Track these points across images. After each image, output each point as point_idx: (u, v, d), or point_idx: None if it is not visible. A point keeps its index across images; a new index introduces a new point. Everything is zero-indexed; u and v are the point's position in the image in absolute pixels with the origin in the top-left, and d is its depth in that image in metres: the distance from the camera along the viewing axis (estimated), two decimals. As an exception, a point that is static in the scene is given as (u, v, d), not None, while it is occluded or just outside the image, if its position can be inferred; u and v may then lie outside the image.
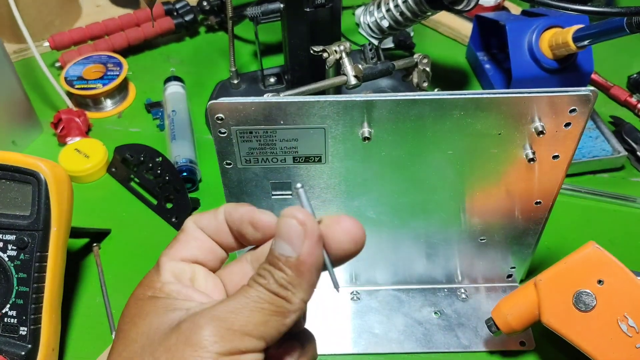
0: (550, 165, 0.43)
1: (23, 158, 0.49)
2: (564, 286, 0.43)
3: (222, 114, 0.39)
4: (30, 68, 0.81)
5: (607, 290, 0.42)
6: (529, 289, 0.45)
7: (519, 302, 0.46)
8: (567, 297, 0.43)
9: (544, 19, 0.68)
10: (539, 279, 0.44)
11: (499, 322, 0.47)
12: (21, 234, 0.48)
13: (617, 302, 0.41)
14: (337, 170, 0.43)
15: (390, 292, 0.55)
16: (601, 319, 0.42)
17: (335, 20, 0.65)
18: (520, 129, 0.41)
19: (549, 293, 0.44)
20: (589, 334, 0.42)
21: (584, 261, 0.43)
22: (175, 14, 0.87)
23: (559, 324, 0.43)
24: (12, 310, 0.47)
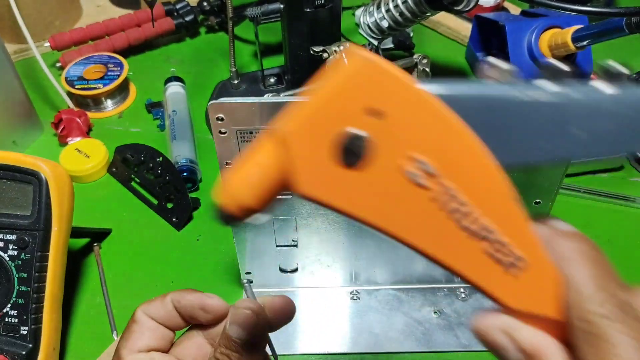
0: (550, 165, 0.44)
1: (24, 158, 0.49)
2: (323, 132, 0.24)
3: (223, 114, 0.39)
4: (31, 68, 0.81)
5: (388, 125, 0.24)
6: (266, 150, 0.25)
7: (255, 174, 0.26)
8: (328, 149, 0.24)
9: (544, 19, 0.68)
10: (288, 130, 0.24)
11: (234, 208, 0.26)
12: (22, 233, 0.48)
13: (404, 142, 0.24)
14: None
15: (389, 291, 0.55)
16: (383, 172, 0.24)
17: (335, 21, 0.65)
18: None
19: (304, 149, 0.25)
20: (367, 198, 0.25)
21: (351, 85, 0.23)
22: (176, 15, 0.87)
23: (322, 193, 0.25)
24: (13, 310, 0.47)
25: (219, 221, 0.26)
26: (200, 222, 0.63)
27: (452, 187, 0.23)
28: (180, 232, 0.62)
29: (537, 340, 0.23)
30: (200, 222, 0.63)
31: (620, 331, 0.21)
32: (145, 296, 0.56)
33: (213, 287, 0.57)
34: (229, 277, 0.57)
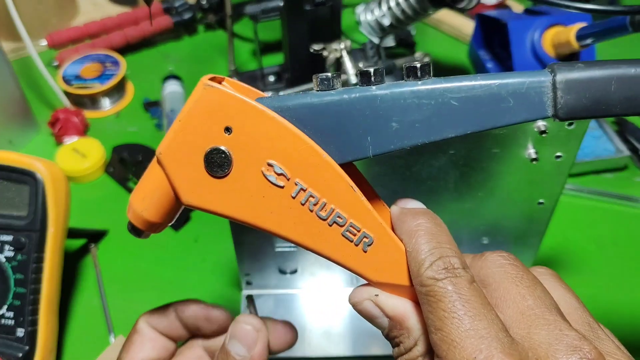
0: (553, 165, 0.43)
1: (20, 158, 0.48)
2: (190, 150, 0.30)
3: None
4: (28, 67, 0.80)
5: (239, 138, 0.29)
6: (155, 170, 0.31)
7: (149, 192, 0.32)
8: (197, 163, 0.30)
9: (547, 17, 0.67)
10: (159, 151, 0.30)
11: (138, 223, 0.32)
12: (18, 234, 0.47)
13: (255, 150, 0.29)
14: None
15: None
16: (245, 178, 0.30)
17: (335, 19, 0.64)
18: (522, 128, 0.40)
19: (177, 166, 0.30)
20: (239, 201, 0.30)
21: (201, 109, 0.29)
22: (174, 12, 0.86)
23: (201, 201, 0.30)
24: (9, 312, 0.47)
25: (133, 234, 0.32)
26: (198, 223, 0.62)
27: (302, 183, 0.28)
28: (178, 233, 0.61)
29: (398, 306, 0.27)
30: (199, 223, 0.62)
31: (445, 288, 0.23)
32: (142, 297, 0.56)
33: (211, 288, 0.56)
34: (228, 278, 0.57)
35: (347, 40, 0.60)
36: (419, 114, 0.27)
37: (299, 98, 0.27)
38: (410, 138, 0.27)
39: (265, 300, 0.55)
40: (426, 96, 0.27)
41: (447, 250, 0.25)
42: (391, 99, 0.26)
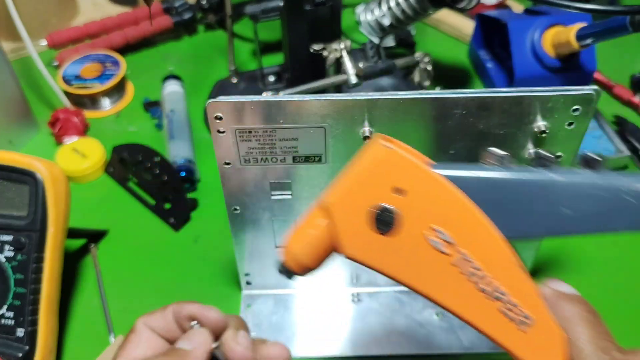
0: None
1: (20, 158, 0.48)
2: (358, 204, 0.31)
3: (221, 113, 0.38)
4: (28, 67, 0.80)
5: (409, 200, 0.30)
6: (317, 218, 0.33)
7: (311, 240, 0.33)
8: (361, 218, 0.31)
9: (547, 17, 0.67)
10: (330, 202, 0.32)
11: (295, 266, 0.34)
12: (18, 234, 0.47)
13: (423, 214, 0.30)
14: (337, 169, 0.43)
15: (391, 293, 0.55)
16: (409, 239, 0.31)
17: (335, 19, 0.64)
18: (522, 128, 0.40)
19: (344, 218, 0.32)
20: (399, 260, 0.31)
21: (376, 168, 0.31)
22: (174, 12, 0.86)
23: (363, 255, 0.32)
24: (9, 312, 0.47)
25: (283, 275, 0.34)
26: (198, 222, 0.62)
27: (467, 254, 0.28)
28: (178, 233, 0.61)
29: None
30: (199, 222, 0.62)
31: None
32: (142, 297, 0.56)
33: (211, 288, 0.56)
34: (227, 278, 0.57)
35: (347, 40, 0.60)
36: (593, 205, 0.27)
37: (470, 169, 0.29)
38: (580, 226, 0.28)
39: (265, 300, 0.55)
40: (603, 190, 0.27)
41: (612, 345, 0.27)
42: (567, 187, 0.27)
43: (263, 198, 0.45)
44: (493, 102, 0.38)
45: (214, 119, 0.39)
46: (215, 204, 0.64)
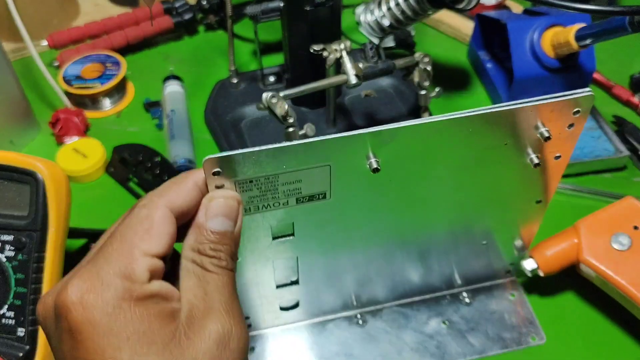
0: (553, 166, 0.43)
1: (21, 158, 0.48)
2: (603, 229, 0.50)
3: (220, 168, 0.34)
4: (28, 67, 0.80)
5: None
6: (569, 231, 0.51)
7: (559, 242, 0.51)
8: (605, 237, 0.49)
9: (546, 17, 0.67)
10: (580, 221, 0.51)
11: (539, 260, 0.51)
12: (19, 234, 0.47)
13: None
14: (343, 203, 0.41)
15: (394, 309, 0.54)
16: (636, 256, 0.48)
17: (335, 19, 0.64)
18: (526, 136, 0.40)
19: (589, 234, 0.50)
20: (624, 269, 0.48)
21: (622, 209, 0.51)
22: (174, 13, 0.87)
23: (597, 260, 0.49)
24: (10, 311, 0.47)
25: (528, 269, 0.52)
26: (199, 222, 0.62)
27: None
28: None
29: None
30: (199, 222, 0.62)
31: None
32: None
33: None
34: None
35: (347, 41, 0.60)
36: None
37: None
38: None
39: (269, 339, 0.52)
40: None
41: None
42: None
43: (264, 243, 0.42)
44: (499, 116, 0.38)
45: (212, 175, 0.34)
46: (216, 204, 0.64)
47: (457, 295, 0.55)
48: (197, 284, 0.31)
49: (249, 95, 0.73)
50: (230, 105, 0.72)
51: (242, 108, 0.72)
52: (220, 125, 0.70)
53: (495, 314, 0.53)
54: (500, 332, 0.52)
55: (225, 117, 0.71)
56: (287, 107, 0.55)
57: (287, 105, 0.55)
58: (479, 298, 0.55)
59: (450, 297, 0.55)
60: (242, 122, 0.71)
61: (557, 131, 0.40)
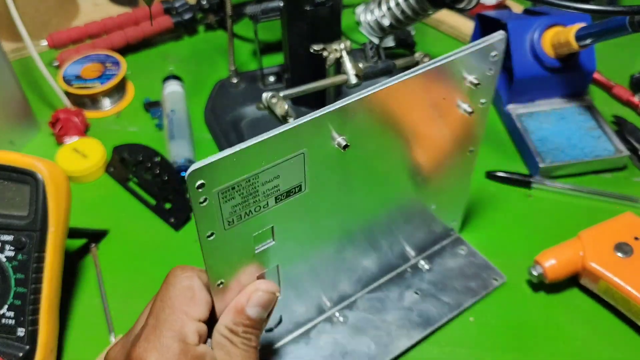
0: (480, 112, 0.46)
1: (21, 158, 0.48)
2: (606, 238, 0.53)
3: (203, 179, 0.32)
4: (28, 67, 0.80)
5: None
6: (574, 241, 0.54)
7: (564, 250, 0.53)
8: (608, 246, 0.52)
9: (546, 17, 0.67)
10: (583, 232, 0.54)
11: (545, 267, 0.52)
12: (19, 234, 0.47)
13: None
14: (316, 193, 0.40)
15: (365, 297, 0.54)
16: (638, 263, 0.51)
17: (335, 19, 0.64)
18: (458, 88, 0.43)
19: (592, 243, 0.53)
20: (627, 274, 0.50)
21: (623, 222, 0.54)
22: (174, 13, 0.86)
23: (602, 265, 0.51)
24: (10, 311, 0.47)
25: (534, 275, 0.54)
26: (199, 222, 0.62)
27: None
28: (178, 233, 0.61)
29: None
30: (199, 222, 0.62)
31: None
32: (142, 297, 0.55)
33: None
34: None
35: (347, 41, 0.60)
36: None
37: None
38: None
39: None
40: None
41: None
42: None
43: (246, 256, 0.39)
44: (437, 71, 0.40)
45: (196, 188, 0.33)
46: (216, 204, 0.64)
47: (415, 266, 0.56)
48: (225, 358, 0.37)
49: (249, 95, 0.73)
50: (230, 105, 0.72)
51: (242, 108, 0.72)
52: (220, 125, 0.70)
53: (455, 270, 0.56)
54: (466, 284, 0.55)
55: (225, 117, 0.71)
56: (287, 107, 0.55)
57: (287, 105, 0.55)
58: (436, 262, 0.57)
59: (410, 269, 0.56)
60: (242, 122, 0.71)
61: (481, 77, 0.43)
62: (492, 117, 0.73)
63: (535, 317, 0.53)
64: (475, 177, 0.64)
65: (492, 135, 0.71)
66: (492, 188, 0.65)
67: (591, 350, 0.51)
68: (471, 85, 0.43)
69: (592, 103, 0.70)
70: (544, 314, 0.54)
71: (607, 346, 0.51)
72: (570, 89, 0.70)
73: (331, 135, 0.38)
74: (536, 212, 0.62)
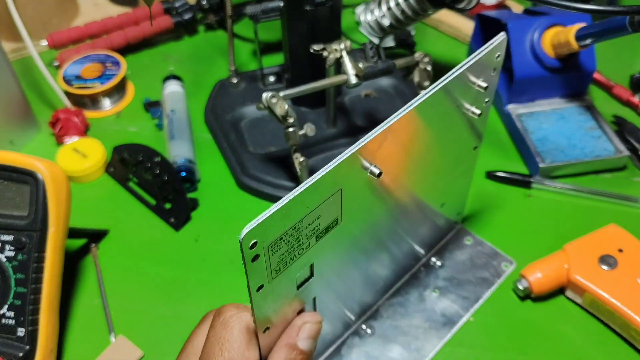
0: (485, 111, 0.47)
1: (21, 158, 0.48)
2: (590, 251, 0.53)
3: (256, 239, 0.32)
4: (28, 67, 0.80)
5: (626, 256, 0.52)
6: (559, 254, 0.54)
7: (549, 263, 0.53)
8: (593, 258, 0.53)
9: (546, 17, 0.67)
10: (568, 245, 0.54)
11: (531, 281, 0.53)
12: (19, 234, 0.47)
13: (635, 265, 0.52)
14: (350, 222, 0.40)
15: (386, 304, 0.54)
16: (622, 276, 0.51)
17: (335, 19, 0.64)
18: (468, 92, 0.44)
19: (577, 255, 0.53)
20: (612, 287, 0.51)
21: (607, 234, 0.55)
22: (174, 13, 0.86)
23: (586, 278, 0.51)
24: (10, 311, 0.47)
25: (519, 289, 0.54)
26: (198, 222, 0.62)
27: None
28: (178, 233, 0.61)
29: None
30: (199, 222, 0.62)
31: None
32: (142, 297, 0.56)
33: (211, 288, 0.56)
34: (228, 278, 0.57)
35: (347, 41, 0.60)
36: None
37: None
38: None
39: None
40: None
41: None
42: None
43: (289, 297, 0.39)
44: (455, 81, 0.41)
45: (249, 248, 0.31)
46: (216, 204, 0.64)
47: (427, 264, 0.57)
48: None
49: (249, 95, 0.73)
50: (230, 105, 0.72)
51: (242, 108, 0.72)
52: (220, 125, 0.70)
53: (466, 262, 0.57)
54: (479, 275, 0.56)
55: (225, 117, 0.71)
56: (287, 107, 0.55)
57: (287, 105, 0.55)
58: (446, 256, 0.57)
59: (423, 267, 0.56)
60: (242, 122, 0.71)
61: (487, 79, 0.44)
62: (492, 117, 0.73)
63: (535, 317, 0.53)
64: (475, 177, 0.64)
65: (492, 135, 0.71)
66: (492, 188, 0.65)
67: (590, 350, 0.51)
68: (480, 89, 0.43)
69: (592, 103, 0.70)
70: (543, 314, 0.54)
71: (604, 347, 0.51)
72: (570, 89, 0.70)
73: (362, 165, 0.37)
74: (536, 212, 0.62)
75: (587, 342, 0.52)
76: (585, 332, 0.53)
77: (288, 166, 0.64)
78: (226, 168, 0.67)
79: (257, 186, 0.63)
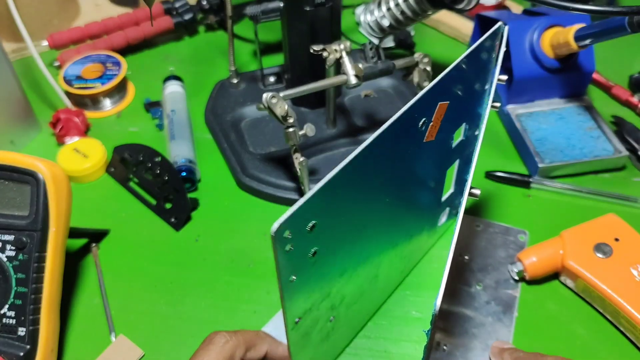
0: None
1: (21, 158, 0.48)
2: (587, 238, 0.54)
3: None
4: (29, 67, 0.80)
5: (622, 245, 0.53)
6: (555, 240, 0.55)
7: (545, 249, 0.54)
8: (588, 246, 0.53)
9: (545, 18, 0.67)
10: (565, 232, 0.55)
11: (526, 264, 0.54)
12: (20, 234, 0.47)
13: (630, 255, 0.52)
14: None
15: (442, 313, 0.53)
16: (616, 264, 0.52)
17: (335, 19, 0.65)
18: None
19: (573, 242, 0.54)
20: (605, 274, 0.51)
21: (605, 223, 0.55)
22: (175, 13, 0.87)
23: (580, 265, 0.52)
24: (11, 311, 0.47)
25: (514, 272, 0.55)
26: (199, 222, 0.62)
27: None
28: (179, 233, 0.61)
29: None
30: (199, 222, 0.62)
31: None
32: (143, 297, 0.56)
33: (211, 288, 0.56)
34: (228, 278, 0.57)
35: (347, 41, 0.60)
36: None
37: None
38: None
39: None
40: None
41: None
42: None
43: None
44: None
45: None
46: (216, 204, 0.64)
47: (460, 261, 0.57)
48: None
49: (249, 95, 0.73)
50: (230, 105, 0.72)
51: (242, 108, 0.72)
52: (220, 125, 0.70)
53: (488, 247, 0.58)
54: (505, 254, 0.57)
55: (226, 117, 0.71)
56: (287, 107, 0.55)
57: (287, 106, 0.55)
58: (467, 249, 0.58)
59: (456, 266, 0.57)
60: (242, 122, 0.71)
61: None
62: (491, 117, 0.73)
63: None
64: (475, 177, 0.64)
65: (491, 135, 0.71)
66: (491, 188, 0.65)
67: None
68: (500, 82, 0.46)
69: (591, 103, 0.70)
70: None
71: (603, 339, 0.51)
72: (569, 89, 0.70)
73: None
74: (535, 212, 0.62)
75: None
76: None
77: (288, 166, 0.64)
78: (226, 168, 0.67)
79: (257, 186, 0.64)
